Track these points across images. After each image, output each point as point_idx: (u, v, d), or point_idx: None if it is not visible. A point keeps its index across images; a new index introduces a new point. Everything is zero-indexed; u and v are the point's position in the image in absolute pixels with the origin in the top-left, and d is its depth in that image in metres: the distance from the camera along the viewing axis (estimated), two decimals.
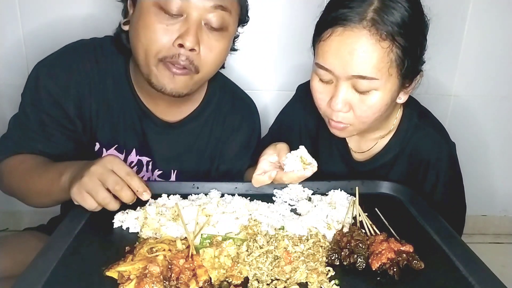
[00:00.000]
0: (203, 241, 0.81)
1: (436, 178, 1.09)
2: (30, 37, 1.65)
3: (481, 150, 1.97)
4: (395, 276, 0.72)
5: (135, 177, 0.85)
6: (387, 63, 0.89)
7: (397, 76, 0.92)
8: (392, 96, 0.94)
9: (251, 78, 1.75)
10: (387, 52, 0.88)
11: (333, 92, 0.94)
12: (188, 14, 0.91)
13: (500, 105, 1.89)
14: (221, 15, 0.93)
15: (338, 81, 0.92)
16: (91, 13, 1.62)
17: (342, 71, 0.90)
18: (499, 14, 1.73)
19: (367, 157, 1.15)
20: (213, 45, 0.95)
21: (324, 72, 0.93)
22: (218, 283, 0.70)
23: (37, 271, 0.70)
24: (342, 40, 0.89)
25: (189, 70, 0.95)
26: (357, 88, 0.91)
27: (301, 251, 0.79)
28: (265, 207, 0.93)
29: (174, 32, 0.91)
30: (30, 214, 1.91)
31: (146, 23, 0.92)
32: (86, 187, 0.82)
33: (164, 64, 0.94)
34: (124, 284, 0.67)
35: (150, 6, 0.91)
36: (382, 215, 0.90)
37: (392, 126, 1.10)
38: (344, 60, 0.89)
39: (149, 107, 1.09)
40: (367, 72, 0.88)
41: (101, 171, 0.83)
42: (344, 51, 0.88)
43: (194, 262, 0.72)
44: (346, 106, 0.94)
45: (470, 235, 2.10)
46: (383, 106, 0.94)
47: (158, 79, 0.96)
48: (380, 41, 0.87)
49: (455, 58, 1.80)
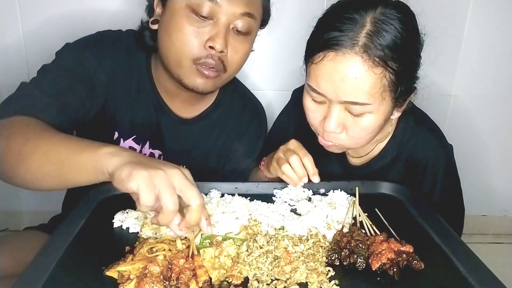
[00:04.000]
0: (203, 241, 0.81)
1: (434, 181, 1.08)
2: (30, 37, 1.65)
3: (481, 150, 1.97)
4: (395, 276, 0.72)
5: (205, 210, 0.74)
6: (380, 89, 0.87)
7: (391, 99, 0.91)
8: (386, 117, 0.94)
9: (253, 78, 1.75)
10: (379, 78, 0.86)
11: (326, 113, 0.93)
12: (218, 19, 0.96)
13: (500, 105, 1.89)
14: (247, 21, 0.99)
15: (331, 103, 0.91)
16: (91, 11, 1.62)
17: (334, 96, 0.89)
18: (499, 14, 1.73)
19: (364, 161, 1.15)
20: (239, 47, 1.01)
21: (316, 95, 0.92)
22: (218, 283, 0.70)
23: (37, 271, 0.70)
24: (334, 65, 0.87)
25: (219, 70, 1.00)
26: (350, 111, 0.90)
27: (301, 251, 0.79)
28: (265, 207, 0.93)
29: (204, 34, 0.96)
30: (30, 214, 1.92)
31: (178, 25, 0.96)
32: (160, 181, 0.67)
33: (196, 66, 0.98)
34: (124, 284, 0.67)
35: (182, 8, 0.95)
36: (382, 216, 0.90)
37: (389, 130, 1.10)
38: (336, 86, 0.87)
39: (167, 103, 1.13)
40: (359, 98, 0.87)
41: (182, 179, 0.70)
42: (336, 77, 0.87)
43: (195, 262, 0.72)
44: (339, 127, 0.93)
45: (470, 235, 2.10)
46: (377, 128, 0.94)
47: (190, 80, 1.00)
48: (373, 67, 0.85)
49: (455, 58, 1.80)
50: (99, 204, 0.93)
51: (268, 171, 1.10)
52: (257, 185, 1.04)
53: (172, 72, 1.02)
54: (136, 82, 1.10)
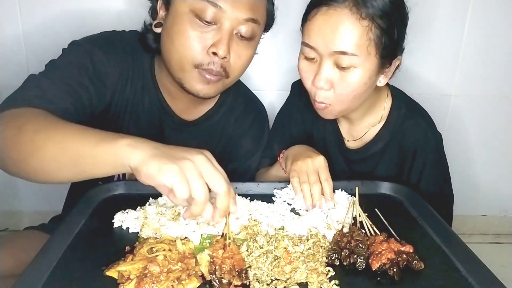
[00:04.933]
0: (203, 241, 0.81)
1: (423, 165, 1.14)
2: (30, 37, 1.65)
3: (481, 150, 1.97)
4: (395, 276, 0.72)
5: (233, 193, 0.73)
6: (366, 41, 0.94)
7: (376, 56, 0.97)
8: (371, 76, 0.99)
9: (254, 78, 1.75)
10: (366, 31, 0.93)
11: (316, 70, 1.00)
12: (221, 24, 0.95)
13: (500, 105, 1.89)
14: (251, 26, 0.98)
15: (321, 59, 0.98)
16: (91, 10, 1.62)
17: (325, 48, 0.96)
18: (499, 14, 1.73)
19: (359, 145, 1.20)
20: (242, 53, 1.00)
21: (309, 50, 0.99)
22: None
23: (37, 271, 0.70)
24: (325, 18, 0.95)
25: (221, 76, 1.00)
26: (339, 64, 0.96)
27: (301, 251, 0.79)
28: (265, 207, 0.93)
29: (208, 39, 0.95)
30: (30, 214, 1.92)
31: (181, 29, 0.95)
32: (188, 170, 0.66)
33: (199, 71, 0.98)
34: (124, 284, 0.67)
35: (185, 12, 0.94)
36: (382, 216, 0.90)
37: (382, 115, 1.16)
38: (326, 37, 0.95)
39: (170, 105, 1.13)
40: (348, 48, 0.94)
41: (208, 165, 0.69)
42: (326, 28, 0.95)
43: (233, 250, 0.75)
44: (327, 84, 0.99)
45: (470, 235, 2.10)
46: (362, 85, 0.99)
47: (192, 85, 1.00)
48: (360, 20, 0.93)
49: (455, 58, 1.80)
50: (99, 204, 0.93)
51: (286, 164, 1.12)
52: (257, 185, 1.04)
53: (174, 75, 1.02)
54: (140, 83, 1.10)
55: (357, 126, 1.19)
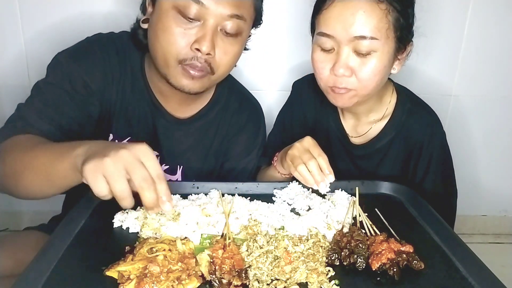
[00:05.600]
0: (203, 241, 0.81)
1: (429, 160, 1.14)
2: (30, 36, 1.65)
3: (481, 150, 1.97)
4: (395, 276, 0.72)
5: (164, 182, 0.73)
6: (386, 24, 0.96)
7: (393, 39, 0.98)
8: (389, 60, 1.00)
9: (253, 78, 1.75)
10: (385, 14, 0.95)
11: (335, 59, 1.00)
12: (205, 20, 0.94)
13: (500, 105, 1.89)
14: (236, 23, 0.97)
15: (339, 46, 0.98)
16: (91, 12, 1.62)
17: (344, 34, 0.96)
18: (499, 14, 1.73)
19: (364, 141, 1.19)
20: (228, 49, 0.99)
21: (326, 40, 1.00)
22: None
23: (37, 271, 0.70)
24: (344, 4, 0.96)
25: (206, 72, 0.99)
26: (358, 50, 0.97)
27: (301, 251, 0.79)
28: (265, 207, 0.93)
29: (192, 36, 0.95)
30: (30, 214, 1.91)
31: (165, 25, 0.95)
32: (106, 170, 0.68)
33: (182, 66, 0.97)
34: (124, 284, 0.67)
35: (169, 9, 0.94)
36: (382, 216, 0.90)
37: (386, 111, 1.15)
38: (347, 22, 0.96)
39: (162, 103, 1.12)
40: (368, 31, 0.95)
41: (131, 160, 0.70)
42: (346, 13, 0.96)
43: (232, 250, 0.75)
44: (348, 70, 0.99)
45: (470, 235, 2.10)
46: (382, 69, 1.00)
47: (177, 80, 1.00)
48: (379, 3, 0.95)
49: (455, 58, 1.80)
50: (99, 204, 0.93)
51: (281, 166, 1.11)
52: (257, 185, 1.04)
53: (160, 71, 1.02)
54: (130, 82, 1.10)
55: (362, 121, 1.18)
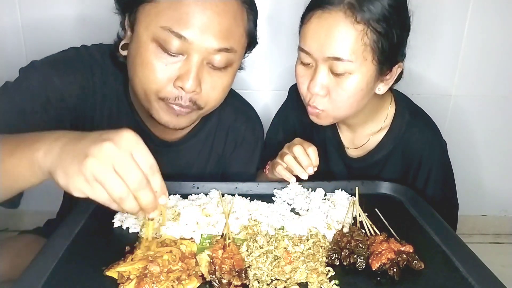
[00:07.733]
0: (203, 241, 0.81)
1: (428, 174, 1.11)
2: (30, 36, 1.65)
3: (481, 150, 1.97)
4: (395, 276, 0.72)
5: (157, 173, 0.65)
6: (361, 46, 0.91)
7: (372, 61, 0.94)
8: (368, 82, 0.96)
9: (249, 78, 1.75)
10: (361, 35, 0.90)
11: (312, 76, 0.98)
12: (189, 55, 0.83)
13: (500, 105, 1.89)
14: (225, 56, 0.86)
15: (317, 64, 0.96)
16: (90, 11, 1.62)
17: (319, 53, 0.94)
18: (499, 14, 1.73)
19: (361, 153, 1.16)
20: (216, 83, 0.89)
21: (304, 55, 0.97)
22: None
23: (37, 270, 0.70)
24: (319, 22, 0.93)
25: (192, 109, 0.90)
26: (334, 70, 0.94)
27: (301, 251, 0.79)
28: (265, 207, 0.93)
29: (174, 71, 0.84)
30: (30, 214, 1.91)
31: (144, 60, 0.84)
32: (94, 172, 0.59)
33: (166, 103, 0.87)
34: (124, 284, 0.67)
35: (148, 41, 0.83)
36: (382, 215, 0.90)
37: (384, 123, 1.12)
38: (321, 41, 0.93)
39: (149, 126, 1.03)
40: (342, 53, 0.91)
41: (119, 155, 0.60)
42: (321, 33, 0.92)
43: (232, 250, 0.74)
44: (323, 90, 0.97)
45: (470, 235, 2.11)
46: (358, 92, 0.96)
47: (160, 116, 0.90)
48: (355, 23, 0.90)
49: (455, 58, 1.80)
50: (99, 204, 0.93)
51: (273, 175, 1.08)
52: (257, 185, 1.04)
53: (142, 104, 0.92)
54: (115, 105, 1.00)
55: (359, 133, 1.15)
